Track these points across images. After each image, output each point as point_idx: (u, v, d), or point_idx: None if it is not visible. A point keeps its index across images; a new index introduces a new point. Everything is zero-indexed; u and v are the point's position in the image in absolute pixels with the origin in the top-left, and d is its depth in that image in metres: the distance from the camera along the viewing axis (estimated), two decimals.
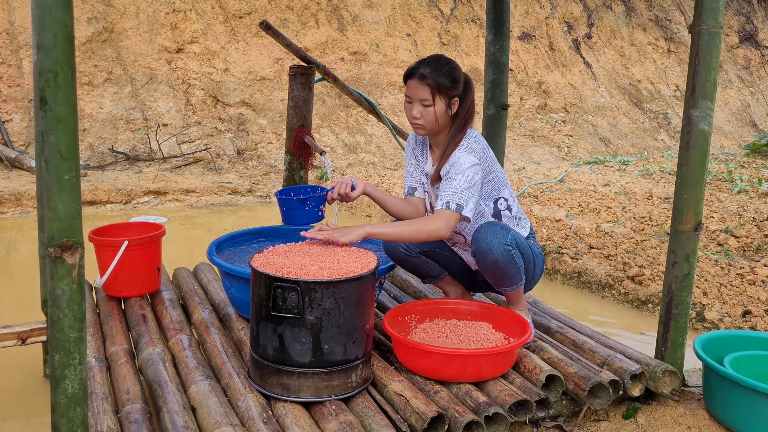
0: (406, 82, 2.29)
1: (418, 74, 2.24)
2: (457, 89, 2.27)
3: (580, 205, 5.60)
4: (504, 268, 2.23)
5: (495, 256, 2.20)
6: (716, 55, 2.06)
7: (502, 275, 2.27)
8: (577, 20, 11.39)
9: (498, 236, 2.20)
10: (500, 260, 2.20)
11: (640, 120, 10.81)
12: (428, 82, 2.22)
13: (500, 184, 2.38)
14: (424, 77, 2.22)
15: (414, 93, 2.26)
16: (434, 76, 2.21)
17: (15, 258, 4.52)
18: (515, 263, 2.24)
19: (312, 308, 1.82)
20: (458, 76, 2.27)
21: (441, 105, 2.25)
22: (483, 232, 2.23)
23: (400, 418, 1.86)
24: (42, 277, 2.35)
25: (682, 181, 2.14)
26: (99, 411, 1.82)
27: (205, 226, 5.62)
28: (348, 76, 8.80)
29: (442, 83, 2.22)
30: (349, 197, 2.39)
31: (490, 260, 2.21)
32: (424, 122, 2.27)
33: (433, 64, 2.24)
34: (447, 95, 2.24)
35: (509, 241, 2.20)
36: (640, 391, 2.12)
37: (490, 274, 2.28)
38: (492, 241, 2.19)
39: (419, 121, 2.28)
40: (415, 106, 2.27)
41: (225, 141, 7.62)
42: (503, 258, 2.20)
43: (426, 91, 2.23)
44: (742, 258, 4.15)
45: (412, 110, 2.28)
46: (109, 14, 7.77)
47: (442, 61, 2.27)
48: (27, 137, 6.75)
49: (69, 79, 1.34)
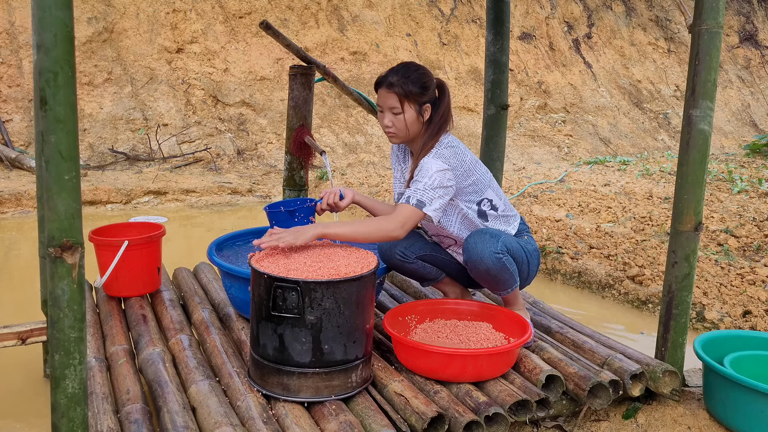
0: (377, 92, 2.27)
1: (386, 83, 2.22)
2: (427, 95, 2.24)
3: (580, 205, 5.60)
4: (497, 275, 2.24)
5: (486, 264, 2.20)
6: (716, 55, 2.06)
7: (495, 281, 2.27)
8: (577, 20, 11.39)
9: (488, 245, 2.20)
10: (492, 268, 2.21)
11: (640, 120, 10.81)
12: (396, 90, 2.20)
13: (482, 185, 2.33)
14: (392, 85, 2.20)
15: (384, 102, 2.24)
16: (402, 83, 2.19)
17: (15, 258, 4.52)
18: (507, 269, 2.24)
19: (312, 308, 1.82)
20: (428, 82, 2.24)
21: (411, 112, 2.23)
22: (473, 242, 2.23)
23: (400, 418, 1.86)
24: (42, 277, 2.35)
25: (682, 181, 2.14)
26: (99, 411, 1.82)
27: (205, 226, 5.62)
28: (348, 76, 8.80)
29: (410, 90, 2.20)
30: (338, 207, 2.36)
31: (482, 269, 2.22)
32: (395, 130, 2.26)
33: (401, 71, 2.22)
34: (416, 102, 2.22)
35: (499, 248, 2.21)
36: (640, 391, 2.13)
37: (484, 280, 2.29)
38: (482, 251, 2.20)
39: (391, 129, 2.27)
40: (386, 115, 2.25)
41: (225, 141, 7.62)
42: (495, 266, 2.20)
43: (394, 99, 2.21)
44: (742, 258, 4.15)
45: (384, 119, 2.26)
46: (109, 14, 7.77)
47: (411, 67, 2.25)
48: (27, 137, 6.75)
49: (69, 79, 1.34)
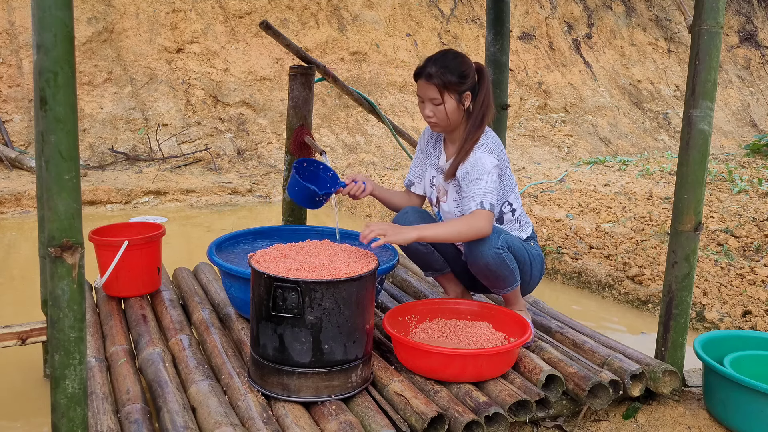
0: (416, 81, 2.28)
1: (425, 74, 2.22)
2: (466, 84, 2.24)
3: (580, 205, 5.60)
4: (496, 271, 2.23)
5: (486, 259, 2.20)
6: (716, 55, 2.06)
7: (495, 277, 2.27)
8: (577, 20, 11.39)
9: (488, 239, 2.20)
10: (491, 263, 2.20)
11: (640, 120, 10.81)
12: (435, 81, 2.20)
13: (509, 187, 2.38)
14: (431, 76, 2.21)
15: (424, 93, 2.25)
16: (441, 74, 2.20)
17: (15, 258, 4.52)
18: (507, 265, 2.24)
19: (312, 308, 1.82)
20: (466, 70, 2.24)
21: (451, 102, 2.24)
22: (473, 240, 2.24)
23: (400, 418, 1.86)
24: (42, 277, 2.35)
25: (682, 181, 2.14)
26: (99, 411, 1.82)
27: (205, 226, 5.62)
28: (348, 76, 8.80)
29: (449, 80, 2.20)
30: (357, 197, 2.41)
31: (482, 263, 2.22)
32: (437, 120, 2.27)
33: (440, 61, 2.22)
34: (456, 91, 2.23)
35: (499, 244, 2.20)
36: (640, 391, 2.12)
37: (484, 276, 2.28)
38: (482, 245, 2.19)
39: (432, 119, 2.28)
40: (427, 106, 2.26)
41: (225, 141, 7.62)
42: (494, 261, 2.20)
43: (434, 90, 2.22)
44: (742, 258, 4.15)
45: (425, 109, 2.27)
46: (109, 14, 7.77)
47: (449, 56, 2.24)
48: (27, 137, 6.75)
49: (69, 79, 1.34)
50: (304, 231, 2.86)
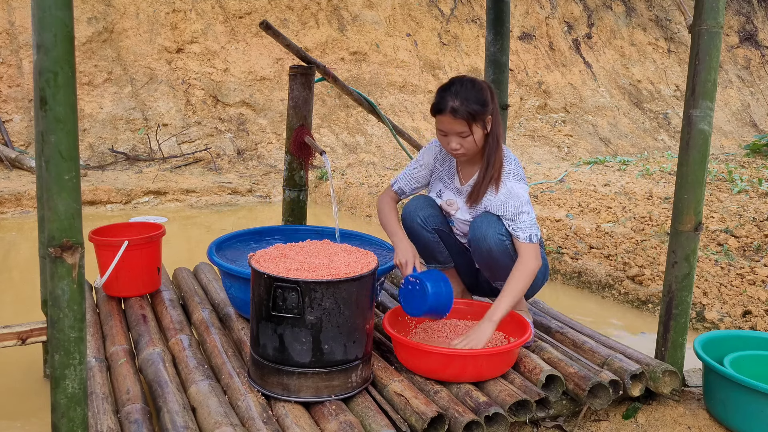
0: (435, 116, 2.21)
1: (449, 109, 2.14)
2: (488, 109, 2.19)
3: (580, 205, 5.60)
4: (498, 258, 2.24)
5: (489, 243, 2.21)
6: (716, 55, 2.06)
7: (496, 266, 2.27)
8: (577, 20, 11.39)
9: (493, 226, 2.21)
10: (494, 249, 2.21)
11: (640, 120, 10.81)
12: (461, 115, 2.14)
13: None
14: (456, 111, 2.14)
15: (449, 127, 2.18)
16: (465, 107, 2.13)
17: (15, 258, 4.52)
18: (509, 254, 2.24)
19: (312, 308, 1.82)
20: (486, 97, 2.19)
21: (479, 131, 2.20)
22: (479, 221, 2.25)
23: (400, 418, 1.86)
24: (42, 277, 2.35)
25: (682, 181, 2.14)
26: (99, 411, 1.82)
27: (205, 226, 5.62)
28: (348, 76, 8.80)
29: (475, 110, 2.14)
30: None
31: (485, 248, 2.22)
32: (465, 151, 2.22)
33: (461, 93, 2.15)
34: (482, 120, 2.19)
35: (503, 231, 2.22)
36: (640, 391, 2.12)
37: (485, 264, 2.29)
38: (487, 230, 2.21)
39: (460, 151, 2.22)
40: (452, 139, 2.20)
41: (225, 141, 7.62)
42: (497, 247, 2.21)
43: (462, 124, 2.15)
44: (742, 258, 4.15)
45: (450, 143, 2.21)
46: (109, 14, 7.77)
47: (467, 86, 2.18)
48: (27, 137, 6.75)
49: (69, 79, 1.34)
50: (304, 231, 2.86)
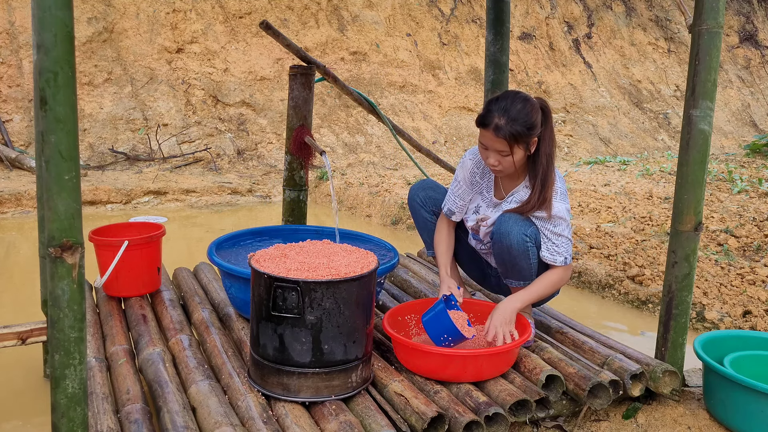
0: (478, 127, 2.18)
1: (492, 126, 2.11)
2: (534, 133, 2.15)
3: (580, 205, 5.60)
4: (517, 257, 2.22)
5: (511, 240, 2.20)
6: (716, 55, 2.06)
7: (513, 264, 2.25)
8: (577, 20, 11.39)
9: (519, 225, 2.20)
10: (515, 246, 2.20)
11: (640, 120, 10.82)
12: (502, 134, 2.10)
13: None
14: (499, 129, 2.09)
15: (490, 143, 2.15)
16: (509, 127, 2.09)
17: (15, 258, 4.52)
18: (528, 257, 2.23)
19: (312, 308, 1.82)
20: (534, 120, 2.13)
21: (520, 153, 2.16)
22: (506, 218, 2.23)
23: (400, 418, 1.86)
24: (42, 277, 2.35)
25: (682, 181, 2.14)
26: (99, 411, 1.82)
27: (205, 226, 5.62)
28: (348, 76, 8.80)
29: (519, 132, 2.10)
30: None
31: (506, 243, 2.21)
32: (502, 168, 2.21)
33: (509, 111, 2.10)
34: (525, 143, 2.15)
35: (529, 233, 2.21)
36: (640, 391, 2.12)
37: (502, 260, 2.27)
38: (512, 227, 2.20)
39: (498, 167, 2.20)
40: (491, 155, 2.18)
41: (225, 141, 7.62)
42: (518, 246, 2.20)
43: (502, 143, 2.12)
44: (742, 258, 4.15)
45: (488, 158, 2.19)
46: (109, 14, 7.77)
47: (517, 105, 2.12)
48: (27, 137, 6.75)
49: (69, 79, 1.34)
50: (304, 231, 2.86)
